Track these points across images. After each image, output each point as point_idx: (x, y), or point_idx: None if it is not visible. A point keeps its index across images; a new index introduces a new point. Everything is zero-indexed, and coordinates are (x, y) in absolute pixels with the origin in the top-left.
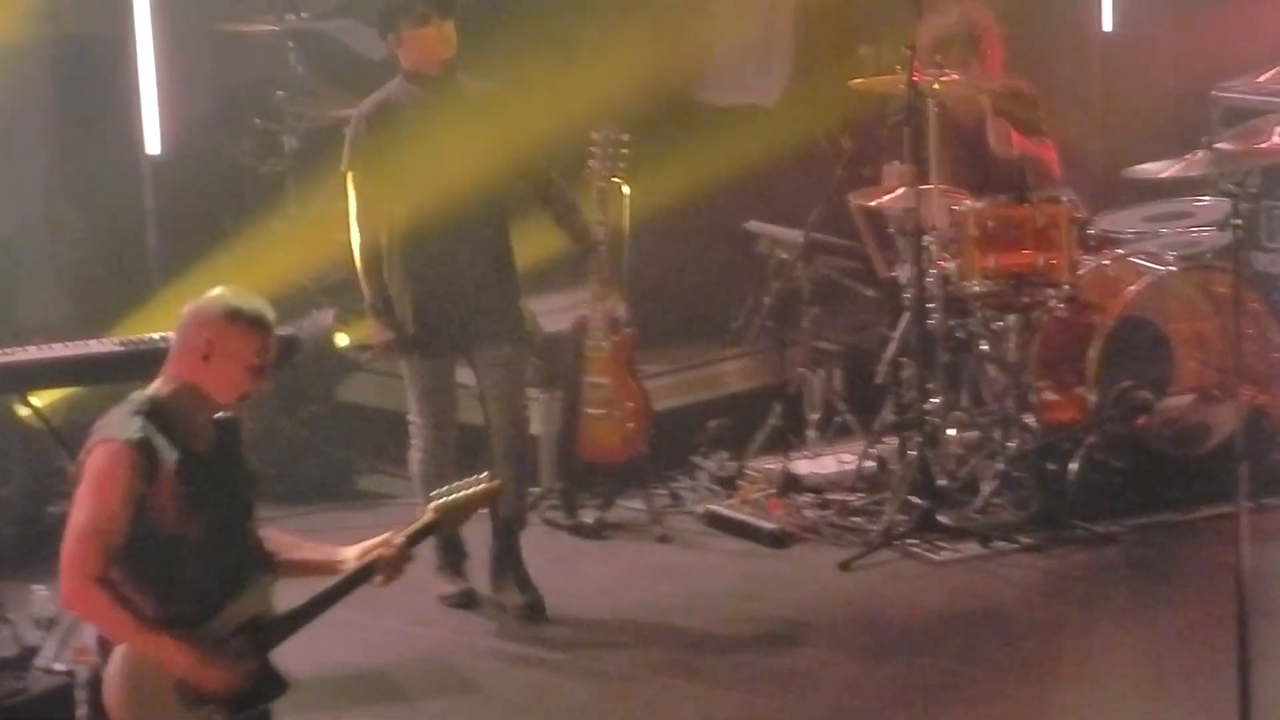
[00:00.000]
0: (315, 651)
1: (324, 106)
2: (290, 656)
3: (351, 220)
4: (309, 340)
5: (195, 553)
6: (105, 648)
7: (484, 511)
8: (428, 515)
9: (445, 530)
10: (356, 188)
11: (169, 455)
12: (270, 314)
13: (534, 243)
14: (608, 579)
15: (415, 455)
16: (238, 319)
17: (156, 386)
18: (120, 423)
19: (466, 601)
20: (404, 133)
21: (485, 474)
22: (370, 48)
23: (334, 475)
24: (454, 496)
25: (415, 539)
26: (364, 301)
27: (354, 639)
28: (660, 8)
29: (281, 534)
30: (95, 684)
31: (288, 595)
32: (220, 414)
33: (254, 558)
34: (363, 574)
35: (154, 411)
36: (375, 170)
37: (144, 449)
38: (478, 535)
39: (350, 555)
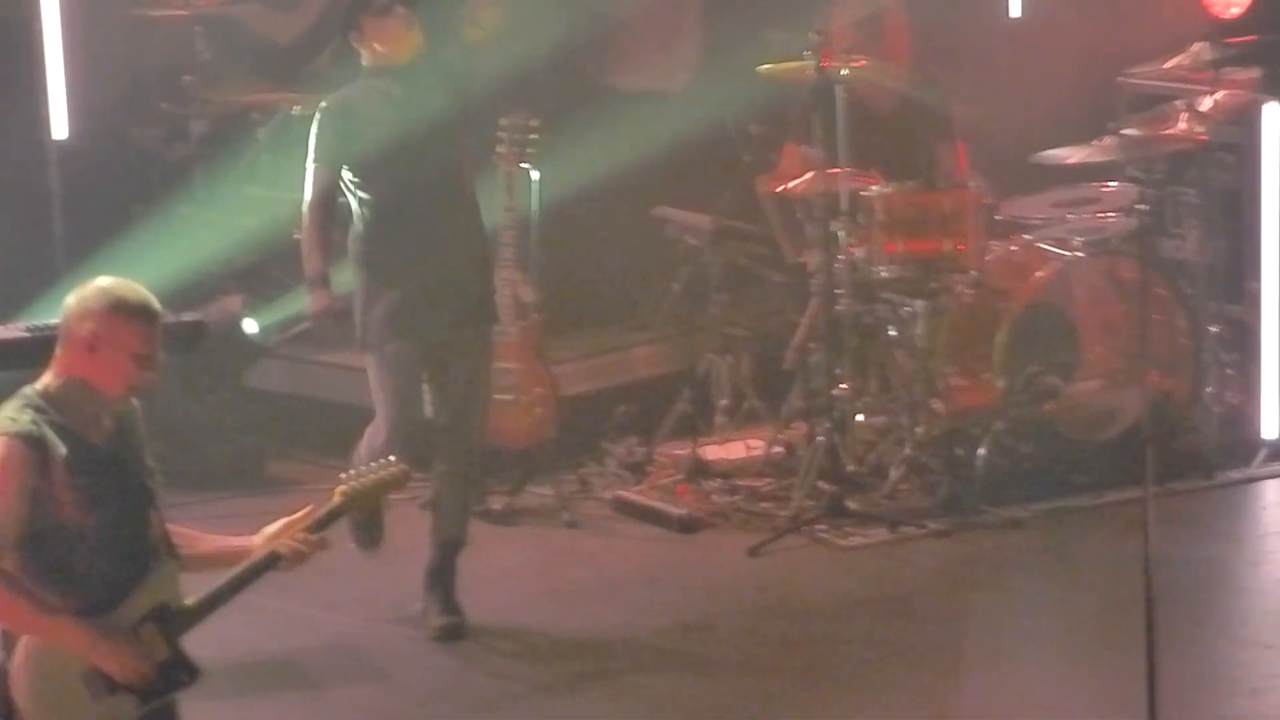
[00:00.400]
0: (220, 636)
1: (231, 92)
2: (194, 641)
3: (305, 206)
4: (216, 326)
5: (95, 543)
6: (9, 641)
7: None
8: (334, 500)
9: (354, 512)
10: (316, 179)
11: (60, 447)
12: (154, 303)
13: None
14: (516, 565)
15: (363, 445)
16: (121, 309)
17: (46, 380)
18: (10, 417)
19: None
20: (370, 129)
21: (393, 458)
22: (278, 32)
23: (243, 461)
24: (361, 480)
25: (322, 524)
26: (272, 286)
27: (260, 623)
28: None
29: (184, 528)
30: (2, 677)
31: (194, 588)
32: (118, 405)
33: (158, 546)
34: (269, 560)
35: (45, 405)
36: (341, 163)
37: (34, 442)
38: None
39: (256, 543)
